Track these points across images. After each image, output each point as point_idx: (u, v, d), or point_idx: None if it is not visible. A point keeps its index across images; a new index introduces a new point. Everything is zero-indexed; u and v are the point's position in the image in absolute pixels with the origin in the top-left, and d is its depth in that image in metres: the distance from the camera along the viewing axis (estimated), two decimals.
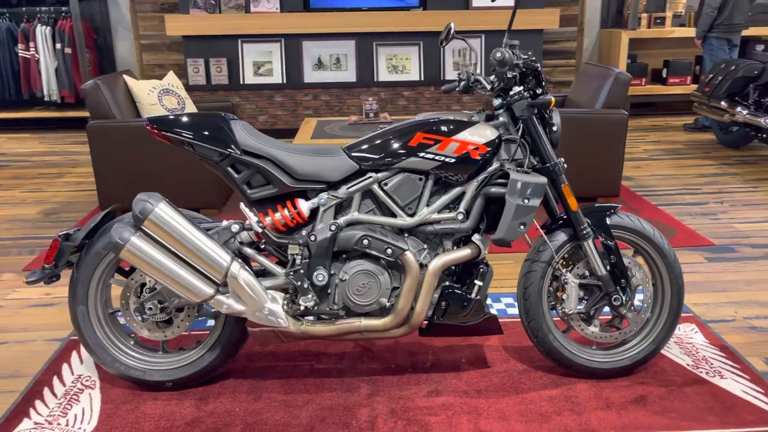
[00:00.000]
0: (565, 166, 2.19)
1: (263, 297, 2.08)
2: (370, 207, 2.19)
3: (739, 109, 5.31)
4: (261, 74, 6.40)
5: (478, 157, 2.10)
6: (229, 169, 2.12)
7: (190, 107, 4.53)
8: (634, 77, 7.04)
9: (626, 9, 7.26)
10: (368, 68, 6.44)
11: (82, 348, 2.56)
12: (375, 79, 6.43)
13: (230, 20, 6.21)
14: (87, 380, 2.36)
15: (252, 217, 2.10)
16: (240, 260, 2.09)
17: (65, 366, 2.45)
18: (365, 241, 2.09)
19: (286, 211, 2.13)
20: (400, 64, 6.44)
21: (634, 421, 2.09)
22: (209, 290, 2.04)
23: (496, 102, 2.21)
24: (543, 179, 2.09)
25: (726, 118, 5.44)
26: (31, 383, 2.35)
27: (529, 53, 2.19)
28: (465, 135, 2.10)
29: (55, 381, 2.36)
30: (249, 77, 6.39)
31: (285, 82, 6.40)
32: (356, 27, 6.28)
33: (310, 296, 2.12)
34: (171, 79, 4.54)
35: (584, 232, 2.19)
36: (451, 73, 6.46)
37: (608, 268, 2.23)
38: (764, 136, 5.21)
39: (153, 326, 2.23)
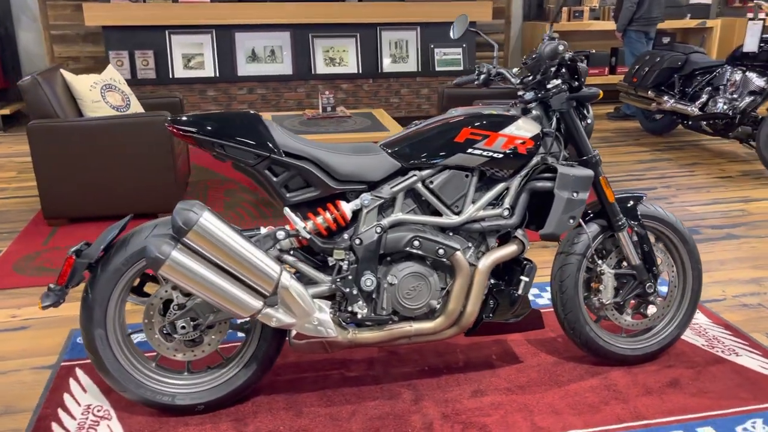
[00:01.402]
0: (600, 158, 2.21)
1: (312, 307, 1.96)
2: (411, 206, 2.11)
3: (665, 98, 5.63)
4: (191, 67, 6.06)
5: (525, 152, 2.07)
6: (267, 171, 1.97)
7: (135, 105, 4.20)
8: None
9: (547, 2, 7.52)
10: (305, 61, 6.27)
11: (80, 374, 2.31)
12: (312, 72, 6.27)
13: (156, 10, 5.83)
14: (99, 410, 2.13)
15: (299, 223, 1.97)
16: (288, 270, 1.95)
17: (67, 396, 2.20)
18: (416, 243, 2.02)
19: (328, 214, 2.01)
20: (338, 57, 6.31)
21: (677, 404, 2.15)
22: (257, 304, 1.89)
23: (529, 95, 2.19)
24: (590, 172, 2.10)
25: (653, 107, 5.76)
26: (34, 420, 2.08)
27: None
28: (512, 129, 2.06)
29: (62, 414, 2.11)
30: (179, 71, 6.04)
31: (218, 75, 6.10)
32: (291, 18, 6.09)
33: (361, 303, 2.01)
34: (112, 73, 4.20)
35: (620, 223, 2.22)
36: (388, 66, 6.42)
37: (641, 257, 2.28)
38: (689, 122, 5.57)
39: (181, 346, 2.04)
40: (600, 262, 2.27)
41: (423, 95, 6.52)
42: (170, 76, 6.01)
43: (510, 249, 2.11)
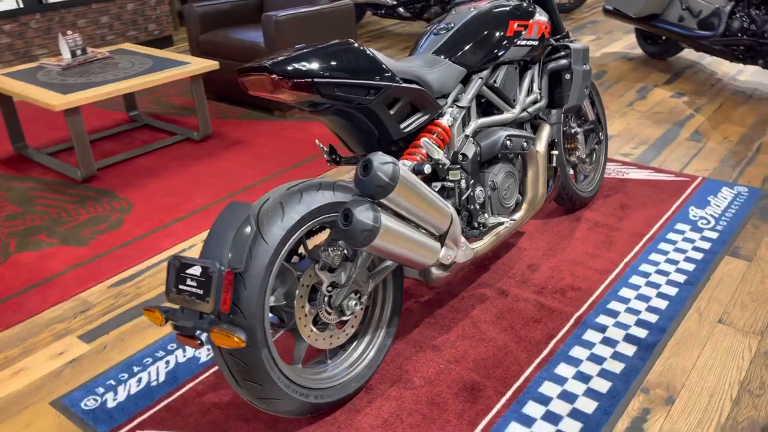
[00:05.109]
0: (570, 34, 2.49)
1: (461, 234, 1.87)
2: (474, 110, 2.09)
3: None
4: None
5: (548, 36, 2.22)
6: (383, 105, 1.72)
7: None
8: None
9: None
10: None
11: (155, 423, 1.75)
12: None
13: None
14: None
15: (439, 151, 1.79)
16: None
17: None
18: (508, 142, 2.04)
19: (435, 136, 1.87)
20: None
21: (647, 216, 2.71)
22: (438, 246, 1.72)
23: None
24: (586, 45, 2.36)
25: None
26: None
27: None
28: (538, 16, 2.18)
29: None
30: None
31: None
32: None
33: (486, 215, 1.99)
34: None
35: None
36: None
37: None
38: None
39: (334, 330, 1.74)
40: (573, 124, 2.62)
41: (104, 24, 5.59)
42: None
43: (548, 128, 2.29)
